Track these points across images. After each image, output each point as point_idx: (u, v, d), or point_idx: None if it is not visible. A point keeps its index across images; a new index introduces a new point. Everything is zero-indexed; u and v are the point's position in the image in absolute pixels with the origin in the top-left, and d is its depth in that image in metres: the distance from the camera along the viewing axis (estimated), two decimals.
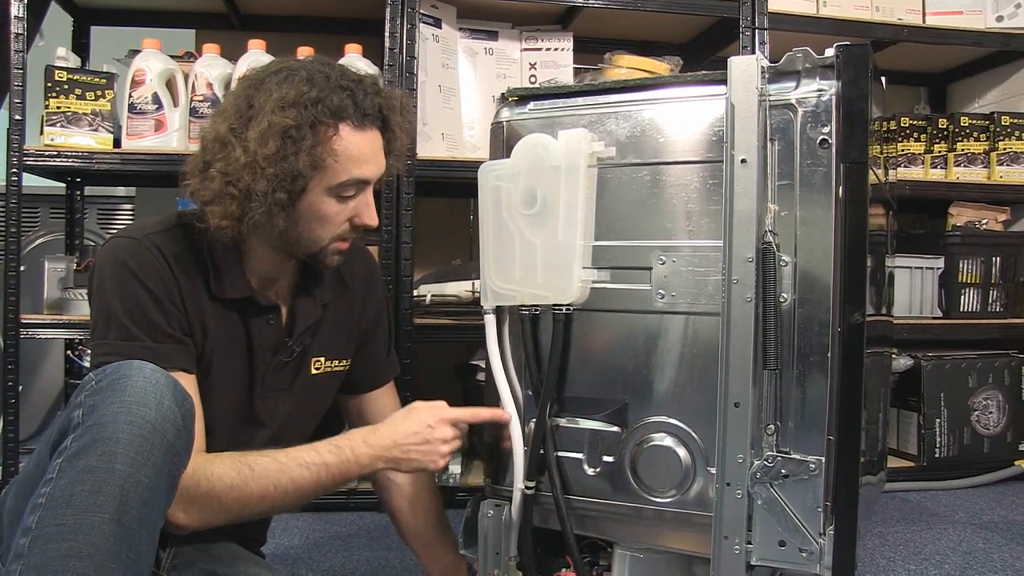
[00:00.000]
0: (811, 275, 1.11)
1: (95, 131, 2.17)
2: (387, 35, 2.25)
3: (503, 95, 1.34)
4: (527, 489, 1.26)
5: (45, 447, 1.05)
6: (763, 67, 1.12)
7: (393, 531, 1.60)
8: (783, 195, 1.12)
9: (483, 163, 1.29)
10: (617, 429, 1.23)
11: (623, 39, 2.70)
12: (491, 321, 1.30)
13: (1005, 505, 2.39)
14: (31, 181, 2.22)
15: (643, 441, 1.21)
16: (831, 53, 1.11)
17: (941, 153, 2.77)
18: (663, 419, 1.20)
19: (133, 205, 3.06)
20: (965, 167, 2.75)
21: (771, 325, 1.10)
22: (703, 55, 2.73)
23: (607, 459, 1.23)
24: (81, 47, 2.63)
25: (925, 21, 2.66)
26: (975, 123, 2.77)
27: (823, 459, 1.10)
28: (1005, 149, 2.74)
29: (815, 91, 1.11)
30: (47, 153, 2.14)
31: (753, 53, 2.41)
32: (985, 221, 2.81)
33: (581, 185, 1.21)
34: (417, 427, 1.28)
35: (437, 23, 2.37)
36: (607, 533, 1.27)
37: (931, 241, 2.77)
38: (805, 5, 2.53)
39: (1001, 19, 2.68)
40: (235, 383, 1.28)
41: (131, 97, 2.17)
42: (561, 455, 1.26)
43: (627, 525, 1.24)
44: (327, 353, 1.39)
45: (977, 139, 2.76)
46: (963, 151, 2.75)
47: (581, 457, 1.25)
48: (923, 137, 2.77)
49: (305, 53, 2.22)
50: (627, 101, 1.24)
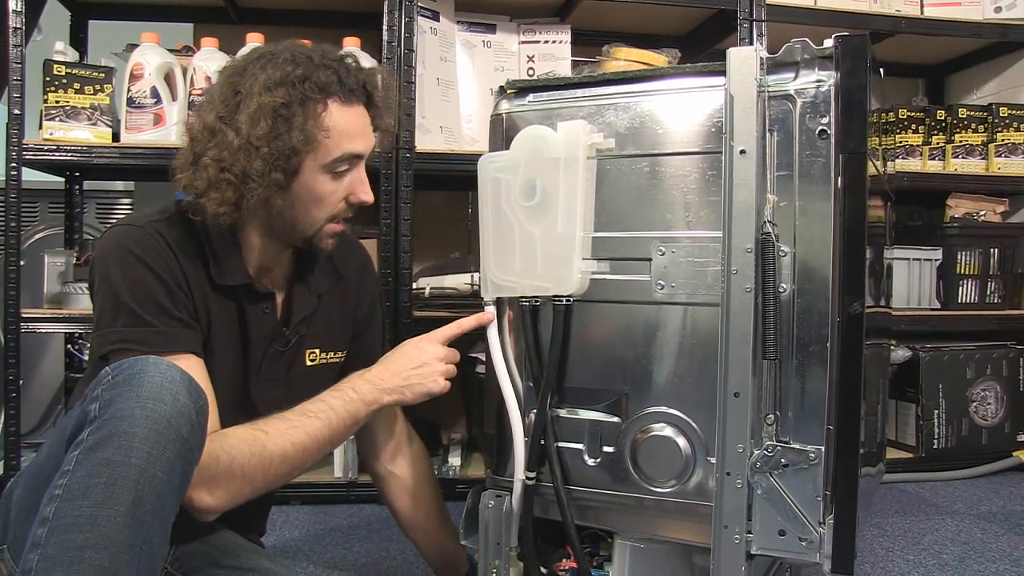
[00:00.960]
0: (810, 265, 1.11)
1: (94, 125, 2.17)
2: (385, 28, 2.25)
3: (502, 87, 1.34)
4: (528, 480, 1.27)
5: (57, 440, 1.06)
6: (762, 58, 1.12)
7: (393, 523, 1.60)
8: (782, 186, 1.12)
9: (482, 155, 1.29)
10: (617, 420, 1.23)
11: (621, 31, 2.70)
12: (491, 313, 1.31)
13: (1003, 496, 2.40)
14: (30, 176, 2.22)
15: (643, 431, 1.21)
16: (830, 44, 1.11)
17: (939, 145, 2.77)
18: (663, 409, 1.20)
19: (132, 199, 3.05)
20: (963, 159, 2.76)
21: (770, 315, 1.10)
22: (701, 47, 2.73)
23: (607, 449, 1.24)
24: (79, 41, 2.63)
25: (923, 12, 2.66)
26: (973, 114, 2.77)
27: (822, 448, 1.10)
28: (1003, 140, 2.74)
29: (814, 82, 1.11)
30: (46, 147, 2.14)
31: (751, 45, 2.41)
32: (983, 212, 2.82)
33: (580, 176, 1.22)
34: (409, 353, 1.32)
35: (435, 16, 2.37)
36: (607, 523, 1.27)
37: (929, 233, 2.78)
38: None
39: (999, 10, 2.68)
40: (231, 372, 1.28)
41: (129, 91, 2.16)
42: (561, 446, 1.26)
43: (627, 515, 1.24)
44: (322, 345, 1.39)
45: (975, 130, 2.76)
46: (961, 143, 2.76)
47: (581, 448, 1.25)
48: (921, 129, 2.77)
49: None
50: (626, 93, 1.24)
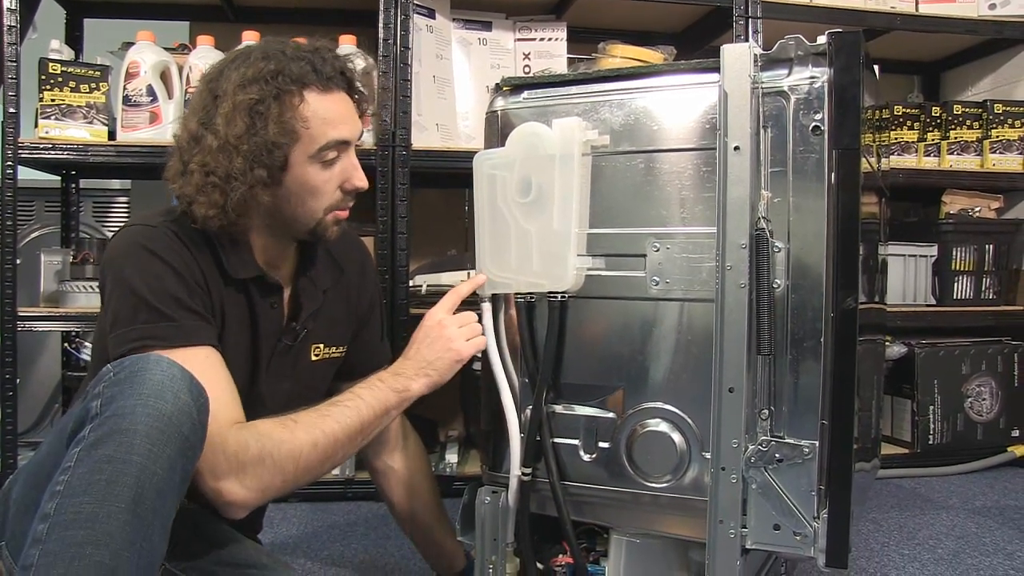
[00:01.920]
0: (804, 261, 1.11)
1: (90, 124, 2.17)
2: (381, 26, 2.25)
3: (497, 84, 1.34)
4: (524, 476, 1.27)
5: (57, 437, 1.06)
6: (756, 55, 1.12)
7: (391, 520, 1.61)
8: (776, 182, 1.12)
9: (477, 153, 1.30)
10: (612, 415, 1.23)
11: (616, 29, 2.71)
12: (487, 309, 1.31)
13: (998, 490, 2.41)
14: (26, 174, 2.22)
15: (638, 427, 1.21)
16: (823, 40, 1.11)
17: (934, 141, 2.78)
18: (658, 405, 1.21)
19: (128, 198, 3.05)
20: (958, 155, 2.76)
21: (765, 311, 1.10)
22: (697, 44, 2.73)
23: (603, 445, 1.24)
24: (75, 39, 2.63)
25: (918, 9, 2.66)
26: (968, 111, 2.77)
27: (817, 443, 1.11)
28: (998, 137, 2.75)
29: (807, 78, 1.11)
30: (42, 146, 2.14)
31: (747, 42, 2.42)
32: (978, 209, 2.82)
33: (575, 173, 1.22)
34: (420, 335, 1.31)
35: (431, 13, 2.37)
36: (603, 519, 1.28)
37: (924, 229, 2.78)
38: None
39: (994, 7, 2.69)
40: (241, 366, 1.28)
41: (125, 89, 2.16)
42: (557, 442, 1.27)
43: (623, 511, 1.25)
44: (326, 339, 1.40)
45: (970, 127, 2.77)
46: (956, 139, 2.76)
47: (577, 443, 1.26)
48: (916, 125, 2.78)
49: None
50: (621, 89, 1.24)
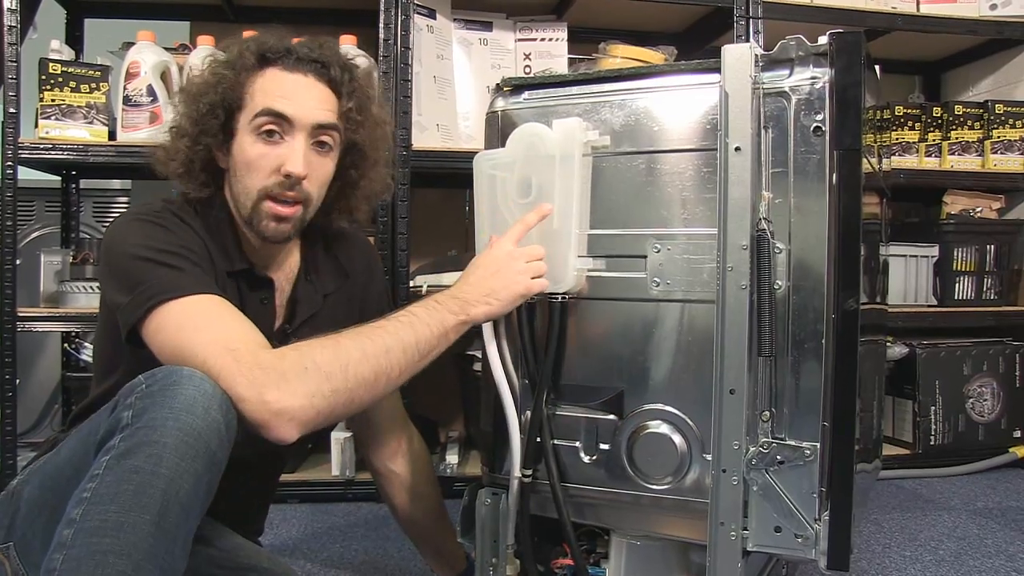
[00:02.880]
0: (805, 262, 1.11)
1: (90, 124, 2.17)
2: (381, 26, 2.25)
3: (498, 85, 1.34)
4: (524, 477, 1.27)
5: (81, 443, 1.06)
6: (757, 55, 1.12)
7: (391, 521, 1.60)
8: (777, 182, 1.12)
9: (478, 153, 1.29)
10: (613, 417, 1.23)
11: (617, 29, 2.70)
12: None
13: (999, 491, 2.41)
14: (26, 174, 2.22)
15: (639, 429, 1.21)
16: (824, 41, 1.11)
17: (935, 141, 2.77)
18: (659, 407, 1.20)
19: (129, 198, 3.05)
20: (959, 155, 2.76)
21: (766, 312, 1.10)
22: (698, 45, 2.73)
23: (604, 447, 1.24)
24: (75, 40, 2.63)
25: (919, 9, 2.66)
26: (969, 111, 2.77)
27: (818, 445, 1.10)
28: (999, 137, 2.75)
29: (808, 79, 1.11)
30: (42, 146, 2.14)
31: (748, 42, 2.41)
32: (979, 209, 2.82)
33: (576, 174, 1.22)
34: (484, 262, 1.23)
35: (431, 14, 2.37)
36: (604, 520, 1.27)
37: (926, 229, 2.78)
38: None
39: (995, 7, 2.68)
40: None
41: (126, 89, 2.16)
42: (558, 443, 1.26)
43: (624, 512, 1.24)
44: None
45: (971, 127, 2.77)
46: (957, 139, 2.76)
47: (578, 445, 1.25)
48: (917, 126, 2.77)
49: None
50: (621, 90, 1.24)
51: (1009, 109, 2.75)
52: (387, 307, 1.50)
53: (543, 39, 2.50)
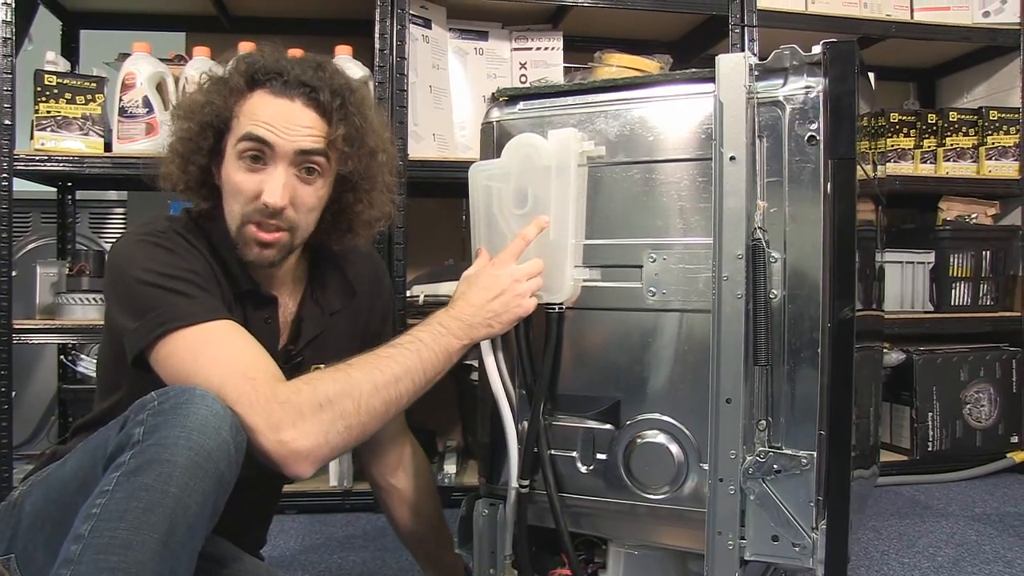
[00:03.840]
0: (801, 271, 1.11)
1: (86, 135, 2.17)
2: (377, 36, 2.25)
3: (493, 95, 1.34)
4: (521, 488, 1.27)
5: (89, 457, 1.05)
6: (751, 64, 1.13)
7: (389, 532, 1.60)
8: (772, 192, 1.12)
9: (474, 163, 1.30)
10: (610, 427, 1.23)
11: (613, 37, 2.71)
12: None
13: (997, 497, 2.41)
14: (22, 186, 2.21)
15: (636, 438, 1.21)
16: (818, 50, 1.11)
17: (931, 148, 2.78)
18: (656, 416, 1.20)
19: (125, 209, 3.05)
20: (954, 162, 2.77)
21: (762, 321, 1.10)
22: (693, 53, 2.73)
23: (601, 457, 1.24)
24: (71, 51, 2.63)
25: (913, 17, 2.67)
26: (964, 118, 2.78)
27: (815, 454, 1.10)
28: (994, 143, 2.75)
29: (803, 88, 1.11)
30: (38, 158, 2.14)
31: (743, 51, 2.42)
32: (975, 215, 2.83)
33: (571, 184, 1.22)
34: (485, 283, 1.23)
35: (427, 24, 2.37)
36: (601, 530, 1.27)
37: (922, 235, 2.79)
38: (794, 2, 2.54)
39: (988, 15, 2.69)
40: None
41: (121, 101, 2.16)
42: (555, 453, 1.26)
43: (621, 522, 1.24)
44: (328, 360, 1.34)
45: (966, 134, 2.78)
46: (952, 146, 2.77)
47: (575, 455, 1.25)
48: (912, 132, 2.78)
49: (294, 55, 2.22)
50: (616, 100, 1.24)
51: (1003, 115, 2.76)
52: (391, 322, 1.50)
53: (539, 48, 2.50)
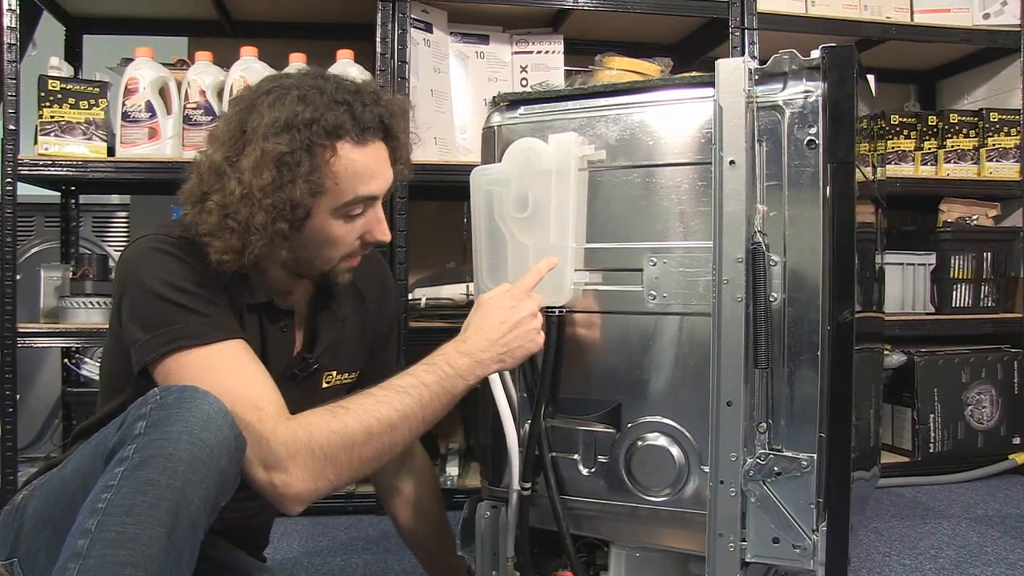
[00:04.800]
0: (800, 274, 1.12)
1: (89, 140, 2.18)
2: (378, 40, 2.26)
3: (494, 99, 1.35)
4: (523, 490, 1.27)
5: (88, 457, 1.06)
6: (750, 69, 1.13)
7: (392, 534, 1.61)
8: (772, 195, 1.13)
9: (475, 167, 1.30)
10: (611, 429, 1.24)
11: (613, 41, 2.71)
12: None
13: (999, 499, 2.41)
14: (26, 190, 2.22)
15: (637, 441, 1.22)
16: (817, 55, 1.12)
17: (931, 150, 2.78)
18: (657, 419, 1.21)
19: (128, 213, 3.06)
20: (955, 163, 2.77)
21: (762, 324, 1.11)
22: (693, 56, 2.74)
23: (602, 459, 1.24)
24: (74, 56, 2.64)
25: (913, 19, 2.67)
26: (964, 120, 2.78)
27: (815, 456, 1.11)
28: (994, 145, 2.76)
29: (802, 92, 1.12)
30: (41, 162, 2.15)
31: (743, 54, 2.43)
32: (976, 217, 2.83)
33: (572, 188, 1.23)
34: (502, 315, 1.21)
35: (428, 28, 2.38)
36: (603, 532, 1.28)
37: (922, 237, 2.79)
38: (794, 5, 2.54)
39: (988, 16, 2.70)
40: None
41: (124, 105, 2.17)
42: (556, 456, 1.27)
43: (623, 524, 1.25)
44: (339, 367, 1.38)
45: (967, 135, 2.78)
46: (953, 148, 2.77)
47: (576, 458, 1.26)
48: (913, 134, 2.79)
49: (297, 59, 2.22)
50: (616, 104, 1.25)
51: (1004, 117, 2.76)
52: (397, 326, 1.50)
53: (539, 52, 2.51)
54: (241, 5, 2.58)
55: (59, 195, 2.66)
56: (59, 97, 2.16)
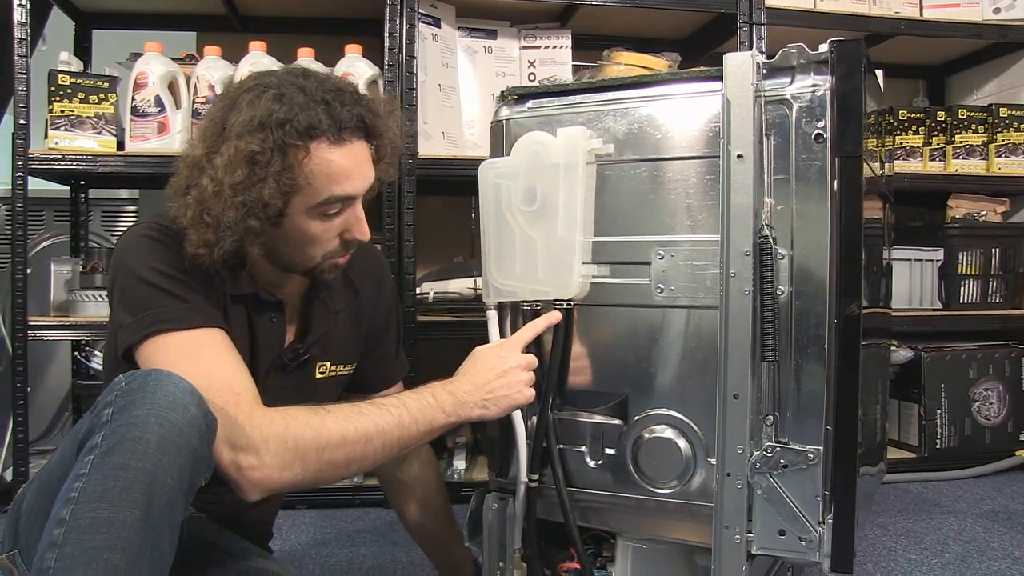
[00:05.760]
0: (807, 268, 1.12)
1: (98, 134, 2.19)
2: (387, 35, 2.26)
3: (502, 94, 1.35)
4: (530, 482, 1.28)
5: (68, 446, 1.06)
6: (758, 63, 1.13)
7: (399, 526, 1.61)
8: (779, 189, 1.13)
9: (483, 161, 1.31)
10: (618, 422, 1.24)
11: (621, 36, 2.71)
12: (493, 317, 1.32)
13: (1006, 495, 2.41)
14: (36, 184, 2.24)
15: (644, 433, 1.22)
16: (825, 49, 1.12)
17: (939, 145, 2.78)
18: (663, 411, 1.21)
19: (137, 207, 3.07)
20: (964, 159, 2.77)
21: (769, 318, 1.11)
22: (701, 51, 2.74)
23: (609, 451, 1.25)
24: (83, 51, 2.65)
25: (922, 14, 2.66)
26: (973, 115, 2.78)
27: (821, 449, 1.11)
28: (1003, 141, 2.75)
29: (810, 86, 1.12)
30: (51, 157, 2.16)
31: (751, 49, 2.43)
32: (984, 213, 2.83)
33: (580, 182, 1.23)
34: (491, 363, 1.24)
35: (436, 22, 2.39)
36: (610, 524, 1.28)
37: (930, 233, 2.79)
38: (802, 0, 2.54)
39: (998, 11, 2.69)
40: None
41: (134, 100, 2.18)
42: (564, 448, 1.27)
43: (629, 516, 1.26)
44: (333, 358, 1.38)
45: (975, 131, 2.77)
46: (961, 143, 2.76)
47: (583, 450, 1.27)
48: (921, 130, 2.78)
49: (305, 54, 2.23)
50: (624, 98, 1.25)
51: (1014, 112, 2.76)
52: (395, 319, 1.50)
53: (547, 47, 2.51)
54: (250, 0, 2.58)
55: (69, 189, 2.67)
56: (69, 92, 2.17)
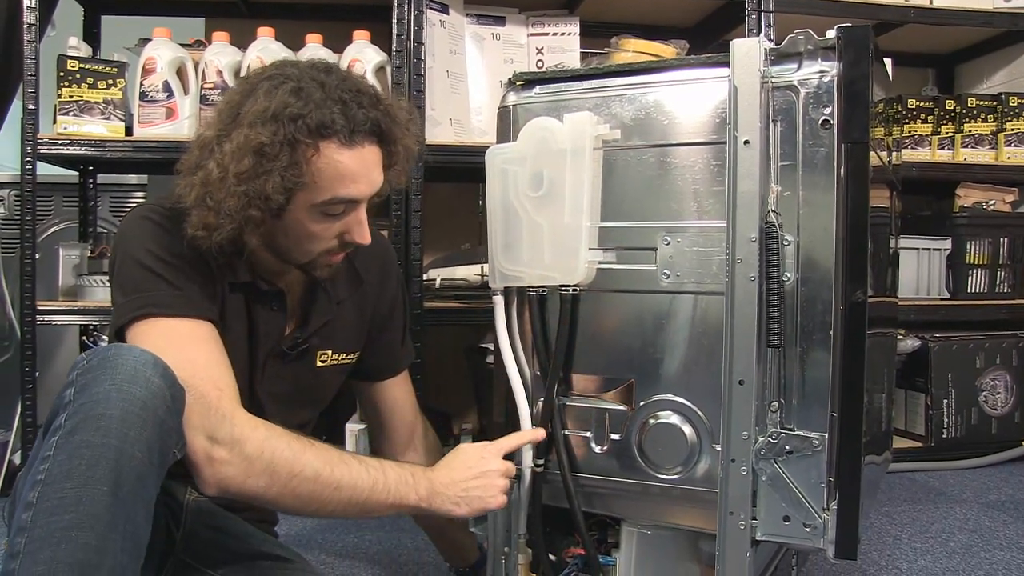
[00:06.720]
0: (813, 254, 1.12)
1: (107, 119, 2.19)
2: (395, 21, 2.26)
3: (510, 79, 1.35)
4: (536, 467, 1.28)
5: (42, 433, 1.07)
6: (765, 49, 1.13)
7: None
8: (786, 175, 1.13)
9: (490, 147, 1.31)
10: (624, 407, 1.25)
11: (629, 23, 2.70)
12: (499, 302, 1.32)
13: (1012, 484, 2.41)
14: (44, 170, 2.24)
15: (649, 419, 1.22)
16: (832, 35, 1.12)
17: (948, 134, 2.77)
18: (669, 397, 1.21)
19: (145, 192, 3.08)
20: (972, 148, 2.75)
21: (774, 304, 1.11)
22: (709, 38, 2.73)
23: (614, 437, 1.25)
24: (92, 36, 2.65)
25: (932, 2, 2.65)
26: (983, 104, 2.76)
27: (826, 435, 1.11)
28: (1013, 130, 2.74)
29: (817, 72, 1.12)
30: (60, 142, 2.17)
31: (759, 36, 2.42)
32: (992, 202, 2.81)
33: (587, 167, 1.23)
34: (472, 462, 1.26)
35: (444, 9, 2.38)
36: (614, 510, 1.29)
37: (938, 222, 2.78)
38: None
39: None
40: (236, 367, 1.24)
41: (142, 85, 2.19)
42: (569, 434, 1.28)
43: (634, 502, 1.26)
44: (335, 347, 1.38)
45: (985, 120, 2.76)
46: (970, 132, 2.75)
47: (589, 435, 1.27)
48: (930, 118, 2.77)
49: (313, 40, 2.23)
50: (631, 84, 1.25)
51: (1023, 102, 2.74)
52: (401, 307, 1.49)
53: (555, 34, 2.50)
54: None
55: (77, 175, 2.68)
56: (77, 77, 2.17)
